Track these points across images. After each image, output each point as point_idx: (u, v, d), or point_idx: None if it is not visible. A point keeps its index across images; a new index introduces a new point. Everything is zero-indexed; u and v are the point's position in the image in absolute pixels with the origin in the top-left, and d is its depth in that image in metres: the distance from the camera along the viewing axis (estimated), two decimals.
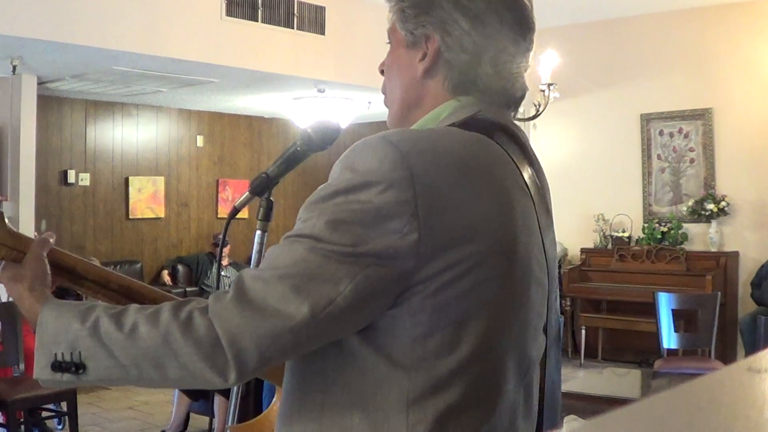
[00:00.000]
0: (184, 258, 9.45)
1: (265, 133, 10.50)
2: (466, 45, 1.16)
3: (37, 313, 1.12)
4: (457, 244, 1.03)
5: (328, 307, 1.00)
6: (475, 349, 1.05)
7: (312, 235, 1.02)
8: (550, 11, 7.71)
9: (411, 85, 1.21)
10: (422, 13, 1.18)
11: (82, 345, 1.06)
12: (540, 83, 5.58)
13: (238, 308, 1.01)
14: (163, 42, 6.14)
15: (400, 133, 1.08)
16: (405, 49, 1.21)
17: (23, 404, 4.76)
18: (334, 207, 1.03)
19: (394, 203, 1.01)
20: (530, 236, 1.12)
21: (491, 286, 1.05)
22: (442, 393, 1.04)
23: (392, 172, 1.02)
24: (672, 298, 5.88)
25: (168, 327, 1.02)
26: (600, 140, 8.18)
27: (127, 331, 1.04)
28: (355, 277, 1.00)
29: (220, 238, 1.53)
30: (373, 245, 1.01)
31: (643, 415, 0.57)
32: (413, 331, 1.03)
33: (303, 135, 1.37)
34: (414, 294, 1.03)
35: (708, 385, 0.66)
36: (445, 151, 1.06)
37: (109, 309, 1.08)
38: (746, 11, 7.34)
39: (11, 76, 6.50)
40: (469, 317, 1.04)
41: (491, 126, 1.15)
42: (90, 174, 8.82)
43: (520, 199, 1.12)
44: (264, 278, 1.02)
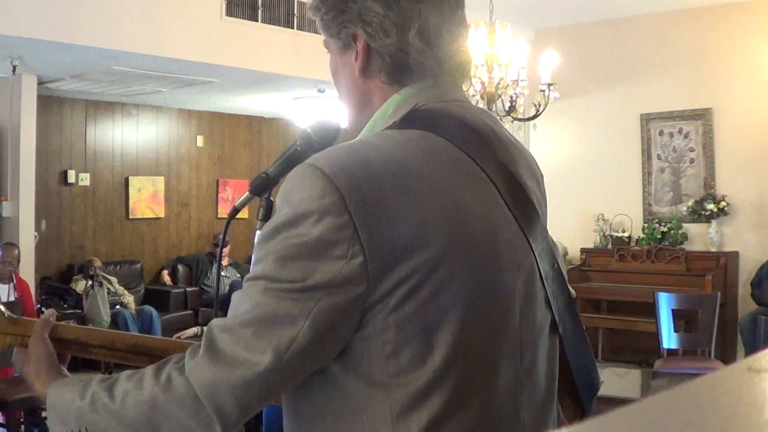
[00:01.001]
0: (184, 258, 9.45)
1: (265, 133, 10.50)
2: (387, 28, 1.14)
3: (45, 397, 1.20)
4: (406, 256, 1.01)
5: (291, 347, 1.01)
6: (450, 354, 1.04)
7: (264, 275, 1.04)
8: (550, 11, 7.71)
9: (354, 88, 1.20)
10: (338, 14, 1.17)
11: (86, 420, 1.12)
12: (540, 83, 5.58)
13: (209, 362, 1.03)
14: (163, 42, 6.15)
15: (326, 154, 1.06)
16: (340, 56, 1.20)
17: (23, 404, 4.76)
18: (278, 244, 1.03)
19: (333, 230, 1.00)
20: (493, 221, 1.10)
21: (453, 288, 1.04)
22: (424, 404, 1.03)
23: (322, 198, 1.01)
24: (672, 298, 5.88)
25: (152, 392, 1.06)
26: (600, 140, 8.18)
27: (119, 403, 1.09)
28: (309, 312, 1.01)
29: (220, 238, 1.53)
30: (321, 276, 1.01)
31: (643, 415, 0.57)
32: (383, 349, 1.03)
33: (303, 135, 1.37)
34: (376, 314, 1.02)
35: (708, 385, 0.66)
36: (375, 163, 1.04)
37: (103, 381, 1.13)
38: (746, 11, 7.34)
39: (11, 76, 6.50)
40: (436, 325, 1.03)
41: (433, 118, 1.12)
42: (90, 174, 8.82)
43: (475, 188, 1.09)
44: (228, 328, 1.04)
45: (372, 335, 1.03)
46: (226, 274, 8.92)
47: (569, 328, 1.20)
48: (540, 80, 5.57)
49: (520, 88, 5.41)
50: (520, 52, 5.41)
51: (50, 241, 8.23)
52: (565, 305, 1.19)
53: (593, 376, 1.25)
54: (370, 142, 1.10)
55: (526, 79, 5.43)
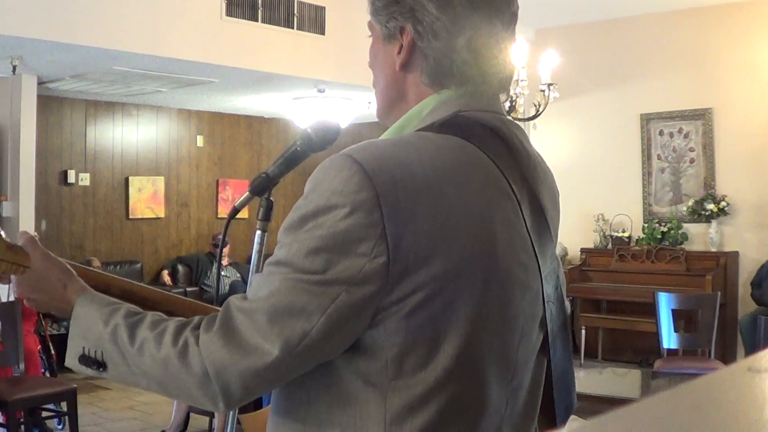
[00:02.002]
0: (184, 258, 9.45)
1: (265, 133, 10.50)
2: (437, 31, 1.13)
3: (72, 306, 1.19)
4: (428, 263, 1.01)
5: (304, 341, 1.02)
6: (453, 365, 1.04)
7: (286, 262, 1.04)
8: (550, 11, 7.71)
9: (392, 80, 1.18)
10: (391, 3, 1.15)
11: (103, 346, 1.13)
12: (540, 83, 5.58)
13: (223, 341, 1.04)
14: (163, 42, 6.15)
15: (365, 149, 1.05)
16: (382, 44, 1.18)
17: (23, 404, 4.76)
18: (305, 233, 1.03)
19: (362, 226, 1.00)
20: (512, 242, 1.09)
21: (467, 302, 1.04)
22: (420, 411, 1.03)
23: (357, 193, 1.00)
24: (672, 298, 5.88)
25: (168, 352, 1.07)
26: (600, 140, 8.18)
27: (137, 347, 1.10)
28: (327, 309, 1.01)
29: (220, 238, 1.53)
30: (342, 270, 1.01)
31: (643, 415, 0.57)
32: (389, 351, 1.03)
33: (303, 135, 1.37)
34: (388, 316, 1.02)
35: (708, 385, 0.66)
36: (413, 166, 1.04)
37: (128, 316, 1.13)
38: (746, 11, 7.34)
39: (11, 76, 6.50)
40: (444, 335, 1.03)
41: (471, 126, 1.11)
42: (90, 174, 8.82)
43: (501, 205, 1.09)
44: (246, 310, 1.05)
45: (381, 336, 1.03)
46: (226, 274, 8.92)
47: (559, 352, 1.20)
48: (540, 80, 5.57)
49: (520, 88, 5.41)
50: (520, 52, 5.41)
51: (50, 241, 8.23)
52: (559, 329, 1.19)
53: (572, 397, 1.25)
54: (409, 143, 1.09)
55: (526, 79, 5.43)
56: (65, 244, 8.56)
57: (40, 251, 1.26)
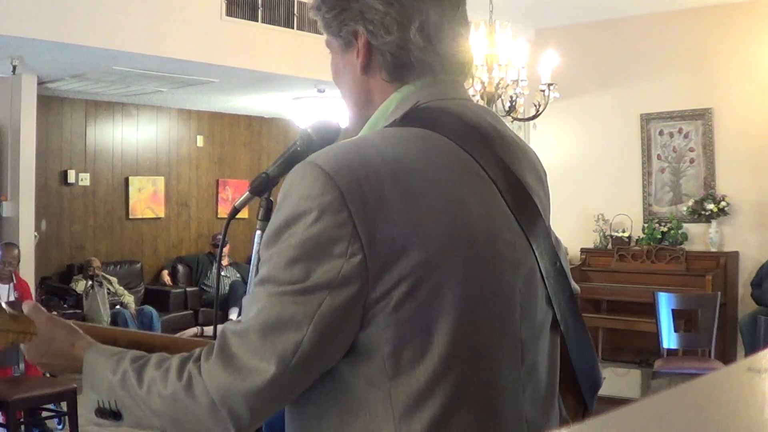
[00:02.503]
0: (184, 258, 9.44)
1: (265, 133, 10.50)
2: (388, 25, 1.14)
3: (82, 363, 1.19)
4: (405, 254, 1.01)
5: (297, 352, 1.02)
6: (450, 352, 1.04)
7: (269, 277, 1.05)
8: (550, 11, 7.71)
9: (356, 85, 1.20)
10: (340, 12, 1.17)
11: (116, 395, 1.14)
12: (540, 83, 5.58)
13: (222, 366, 1.05)
14: (163, 42, 6.14)
15: (326, 152, 1.07)
16: (341, 55, 1.20)
17: (23, 404, 4.76)
18: (281, 244, 1.04)
19: (332, 227, 1.01)
20: (491, 221, 1.09)
21: (452, 286, 1.04)
22: (426, 404, 1.03)
23: (322, 196, 1.01)
24: (672, 298, 5.88)
25: (174, 388, 1.08)
26: (600, 140, 8.17)
27: (146, 389, 1.11)
28: (313, 316, 1.01)
29: (220, 238, 1.53)
30: (322, 275, 1.01)
31: (643, 415, 0.57)
32: (383, 349, 1.03)
33: (303, 135, 1.37)
34: (377, 312, 1.03)
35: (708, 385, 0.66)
36: (375, 161, 1.04)
37: (134, 361, 1.14)
38: (746, 11, 7.34)
39: (11, 76, 6.50)
40: (435, 323, 1.03)
41: (433, 115, 1.12)
42: (90, 174, 8.82)
43: (473, 186, 1.09)
44: (239, 332, 1.05)
45: (373, 334, 1.03)
46: (226, 274, 8.92)
47: (571, 326, 1.20)
48: (540, 80, 5.57)
49: (520, 88, 5.41)
50: (520, 52, 5.41)
51: (50, 241, 8.23)
52: (567, 303, 1.19)
53: (595, 372, 1.25)
54: (369, 140, 1.11)
55: (526, 79, 5.43)
56: (65, 244, 8.56)
57: (44, 316, 1.27)
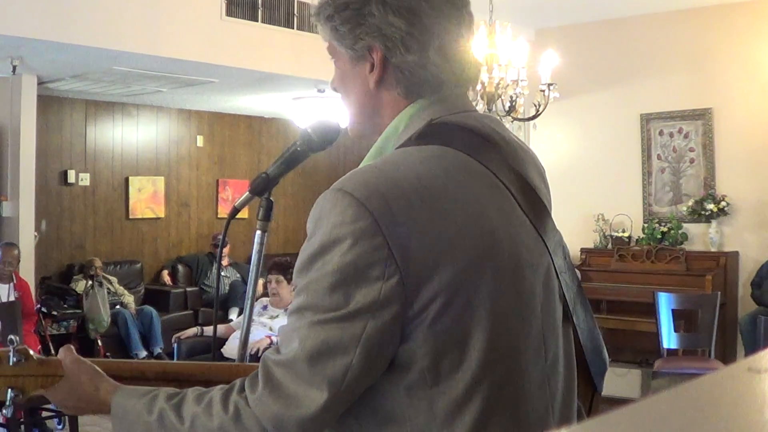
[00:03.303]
0: (184, 258, 9.44)
1: (265, 133, 10.50)
2: (409, 45, 1.15)
3: (109, 407, 1.20)
4: (438, 270, 1.05)
5: (347, 376, 1.05)
6: (485, 358, 1.07)
7: (308, 306, 1.06)
8: (550, 11, 7.70)
9: (366, 98, 1.20)
10: (356, 26, 1.17)
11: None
12: (540, 83, 5.58)
13: (273, 397, 1.06)
14: (163, 42, 6.14)
15: (352, 178, 1.08)
16: (350, 65, 1.20)
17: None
18: (316, 272, 1.06)
19: (368, 252, 1.03)
20: (513, 226, 1.13)
21: (483, 297, 1.07)
22: (466, 409, 1.06)
23: (356, 222, 1.04)
24: (672, 298, 5.88)
25: (222, 421, 1.08)
26: (600, 140, 8.17)
27: (188, 425, 1.11)
28: (359, 339, 1.04)
29: (220, 238, 1.53)
30: (362, 299, 1.04)
31: (643, 415, 0.57)
32: (423, 361, 1.06)
33: (303, 135, 1.37)
34: (414, 327, 1.05)
35: (708, 385, 0.66)
36: (401, 182, 1.07)
37: (170, 398, 1.14)
38: (746, 11, 7.34)
39: (11, 76, 6.50)
40: (470, 333, 1.07)
41: (448, 131, 1.14)
42: (90, 174, 8.81)
43: (492, 198, 1.12)
44: (284, 363, 1.07)
45: (412, 348, 1.06)
46: (226, 274, 8.91)
47: (581, 317, 1.24)
48: (540, 80, 5.57)
49: (520, 88, 5.41)
50: (520, 52, 5.41)
51: (50, 241, 8.23)
52: (576, 294, 1.23)
53: (603, 357, 1.29)
54: (392, 162, 1.12)
55: (526, 79, 5.42)
56: (65, 244, 8.56)
57: (71, 357, 1.27)
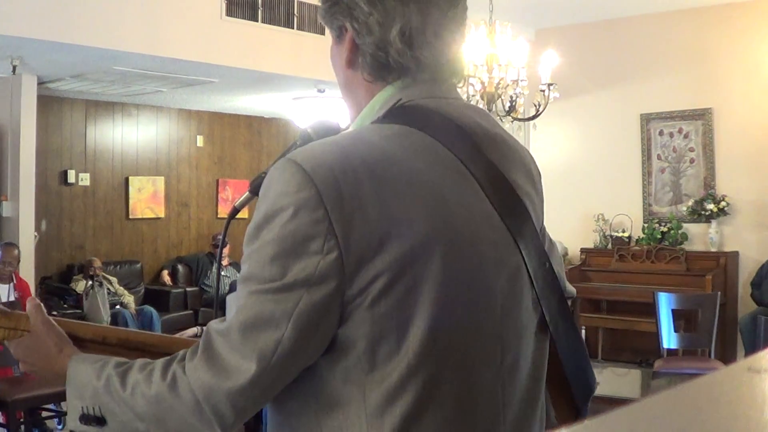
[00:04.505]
0: (184, 258, 9.44)
1: (265, 133, 10.50)
2: (371, 26, 1.14)
3: (64, 369, 1.20)
4: (381, 250, 1.01)
5: (277, 350, 1.02)
6: (423, 348, 1.03)
7: (249, 275, 1.05)
8: (550, 11, 7.71)
9: (344, 79, 1.21)
10: (333, 5, 1.18)
11: (99, 400, 1.14)
12: (540, 83, 5.58)
13: (207, 365, 1.05)
14: (163, 42, 6.14)
15: (305, 150, 1.07)
16: (335, 45, 1.21)
17: (23, 404, 4.76)
18: (260, 242, 1.04)
19: (308, 224, 1.01)
20: (473, 219, 1.09)
21: (428, 283, 1.03)
22: (398, 400, 1.03)
23: (299, 192, 1.02)
24: (672, 298, 5.88)
25: (159, 388, 1.08)
26: (600, 140, 8.17)
27: (129, 391, 1.11)
28: (291, 314, 1.02)
29: (220, 238, 1.53)
30: (298, 272, 1.01)
31: (643, 415, 0.57)
32: (360, 344, 1.03)
33: (303, 135, 1.37)
34: (354, 308, 1.03)
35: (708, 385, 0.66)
36: (354, 157, 1.05)
37: (118, 366, 1.14)
38: (746, 11, 7.34)
39: (11, 76, 6.50)
40: (411, 319, 1.03)
41: (414, 113, 1.12)
42: (90, 174, 8.82)
43: (454, 184, 1.09)
44: (221, 331, 1.06)
45: (350, 330, 1.03)
46: (226, 274, 8.92)
47: (561, 329, 1.18)
48: (540, 80, 5.57)
49: (520, 88, 5.41)
50: (520, 52, 5.41)
51: (50, 241, 8.23)
52: (557, 305, 1.17)
53: (588, 377, 1.23)
54: (349, 137, 1.11)
55: (526, 79, 5.43)
56: (65, 244, 8.56)
57: (41, 317, 1.27)
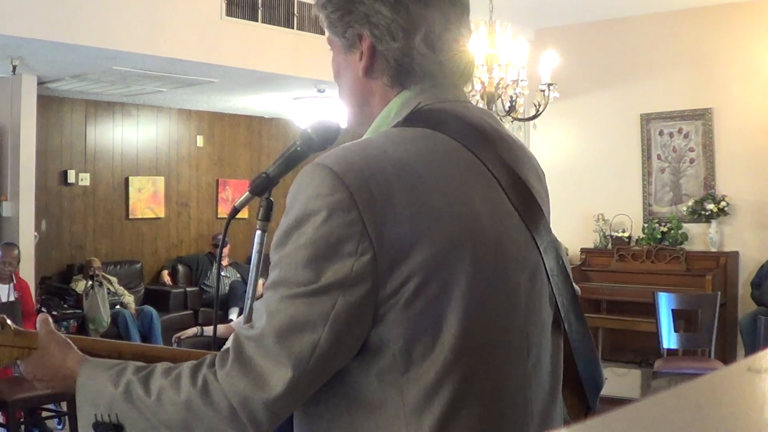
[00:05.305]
0: (184, 258, 9.44)
1: (265, 133, 10.50)
2: (394, 32, 1.15)
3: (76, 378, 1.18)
4: (414, 250, 1.03)
5: (315, 353, 1.03)
6: (458, 345, 1.04)
7: (280, 280, 1.05)
8: (550, 11, 7.71)
9: (356, 87, 1.21)
10: (346, 14, 1.18)
11: (117, 408, 1.12)
12: (540, 83, 5.58)
13: (241, 372, 1.05)
14: (163, 42, 6.14)
15: (333, 153, 1.08)
16: (344, 55, 1.21)
17: (23, 404, 4.76)
18: (290, 246, 1.04)
19: (342, 226, 1.02)
20: (497, 218, 1.11)
21: (460, 281, 1.05)
22: (436, 398, 1.04)
23: (331, 195, 1.02)
24: (672, 298, 5.88)
25: (189, 394, 1.07)
26: (600, 140, 8.17)
27: (154, 398, 1.09)
28: (328, 316, 1.02)
29: (220, 238, 1.53)
30: (333, 274, 1.02)
31: (643, 415, 0.57)
32: (395, 345, 1.04)
33: (303, 135, 1.37)
34: (388, 309, 1.03)
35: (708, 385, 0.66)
36: (382, 160, 1.06)
37: (138, 371, 1.13)
38: (746, 11, 7.34)
39: (11, 76, 6.50)
40: (444, 318, 1.04)
41: (435, 116, 1.14)
42: (90, 174, 8.81)
43: (478, 184, 1.11)
44: (254, 337, 1.06)
45: (385, 331, 1.04)
46: (226, 274, 8.91)
47: (574, 326, 1.21)
48: (540, 80, 5.57)
49: (520, 88, 5.41)
50: (520, 52, 5.41)
51: (50, 241, 8.23)
52: (570, 302, 1.20)
53: (597, 373, 1.26)
54: (375, 140, 1.12)
55: (526, 79, 5.43)
56: (65, 244, 8.56)
57: (46, 329, 1.26)
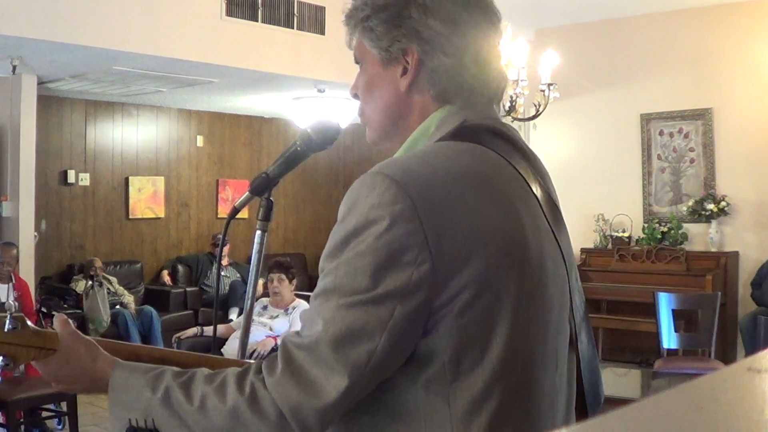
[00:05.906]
0: (183, 258, 9.44)
1: (265, 133, 10.50)
2: (446, 49, 1.15)
3: (107, 380, 1.15)
4: (469, 262, 1.03)
5: (371, 362, 1.02)
6: (505, 355, 1.05)
7: (334, 288, 1.04)
8: (550, 11, 7.70)
9: (395, 102, 1.19)
10: (393, 28, 1.17)
11: (155, 413, 1.10)
12: (540, 83, 5.58)
13: (292, 381, 1.03)
14: (163, 42, 6.14)
15: (393, 163, 1.08)
16: (381, 68, 1.20)
17: (23, 404, 4.76)
18: (348, 254, 1.03)
19: (403, 236, 1.02)
20: (540, 234, 1.13)
21: (509, 294, 1.06)
22: (483, 408, 1.04)
23: (394, 205, 1.02)
24: (672, 298, 5.88)
25: (236, 402, 1.05)
26: (600, 140, 8.17)
27: (197, 405, 1.07)
28: (386, 325, 1.02)
29: (220, 238, 1.53)
30: (392, 283, 1.02)
31: (643, 415, 0.57)
32: (444, 354, 1.04)
33: (303, 135, 1.38)
34: (440, 319, 1.04)
35: (708, 385, 0.66)
36: (441, 172, 1.06)
37: (177, 377, 1.11)
38: (746, 11, 7.34)
39: (11, 76, 6.50)
40: (493, 329, 1.05)
41: (480, 132, 1.15)
42: (90, 174, 8.81)
43: (524, 200, 1.12)
44: (305, 346, 1.04)
45: (434, 340, 1.04)
46: (226, 274, 8.91)
47: (584, 343, 1.22)
48: (540, 80, 5.57)
49: (520, 88, 5.41)
50: (520, 52, 5.41)
51: (50, 241, 8.23)
52: (582, 319, 1.21)
53: (600, 389, 1.27)
54: (431, 152, 1.12)
55: (526, 79, 5.43)
56: (65, 244, 8.56)
57: (68, 329, 1.23)
